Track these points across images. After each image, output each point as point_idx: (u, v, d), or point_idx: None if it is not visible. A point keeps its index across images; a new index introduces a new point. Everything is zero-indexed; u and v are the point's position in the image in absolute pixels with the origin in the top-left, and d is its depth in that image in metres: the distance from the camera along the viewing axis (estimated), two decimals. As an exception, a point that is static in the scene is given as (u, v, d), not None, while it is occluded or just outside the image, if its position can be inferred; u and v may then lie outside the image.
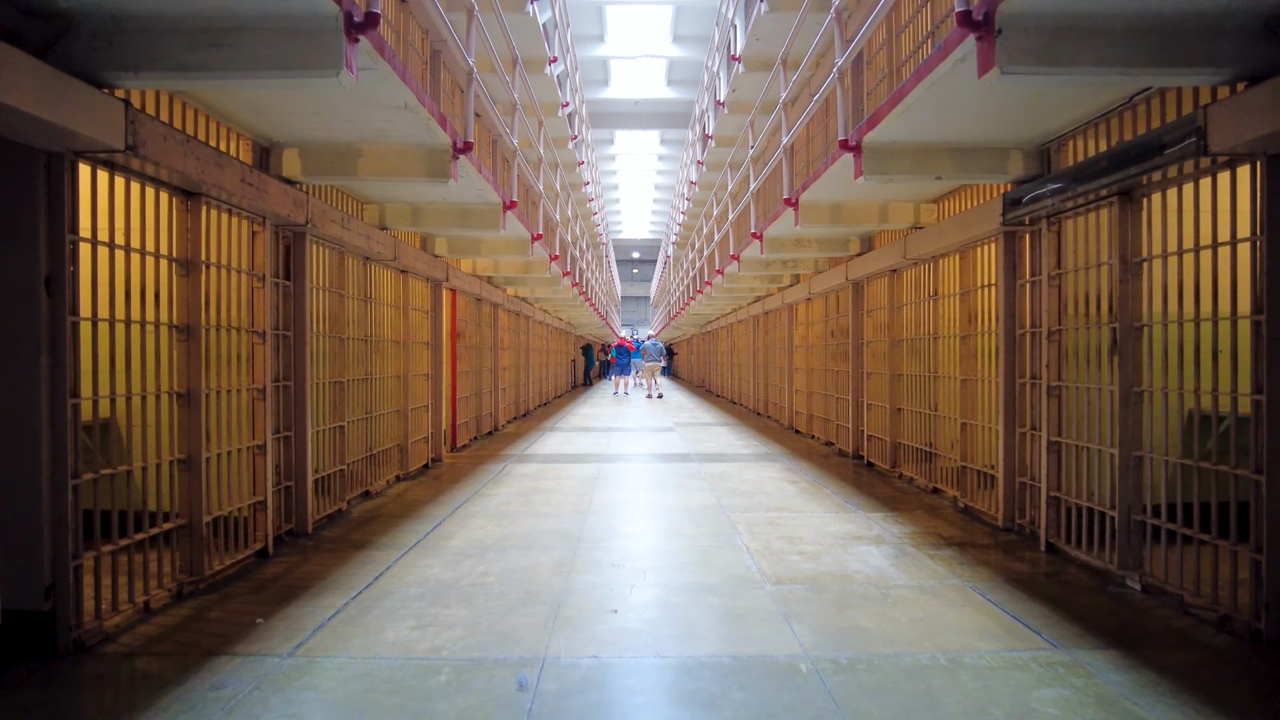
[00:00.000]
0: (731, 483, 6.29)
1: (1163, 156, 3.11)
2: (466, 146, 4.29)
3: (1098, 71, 2.80)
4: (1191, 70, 2.81)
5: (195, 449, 3.53)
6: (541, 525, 4.79)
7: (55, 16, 2.68)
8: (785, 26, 7.66)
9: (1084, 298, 3.98)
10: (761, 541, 4.38)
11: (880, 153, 4.32)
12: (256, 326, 4.08)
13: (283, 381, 4.40)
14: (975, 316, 5.17)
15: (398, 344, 6.44)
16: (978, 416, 5.15)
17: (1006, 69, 2.75)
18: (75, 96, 2.60)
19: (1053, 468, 4.19)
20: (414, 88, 3.48)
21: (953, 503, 5.42)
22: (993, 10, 2.74)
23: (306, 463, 4.55)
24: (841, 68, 4.42)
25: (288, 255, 4.46)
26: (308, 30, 2.72)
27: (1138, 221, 3.59)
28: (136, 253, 3.19)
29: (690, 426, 11.14)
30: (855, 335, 7.56)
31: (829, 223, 5.90)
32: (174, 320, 3.47)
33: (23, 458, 2.74)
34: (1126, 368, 3.61)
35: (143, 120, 2.91)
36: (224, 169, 3.47)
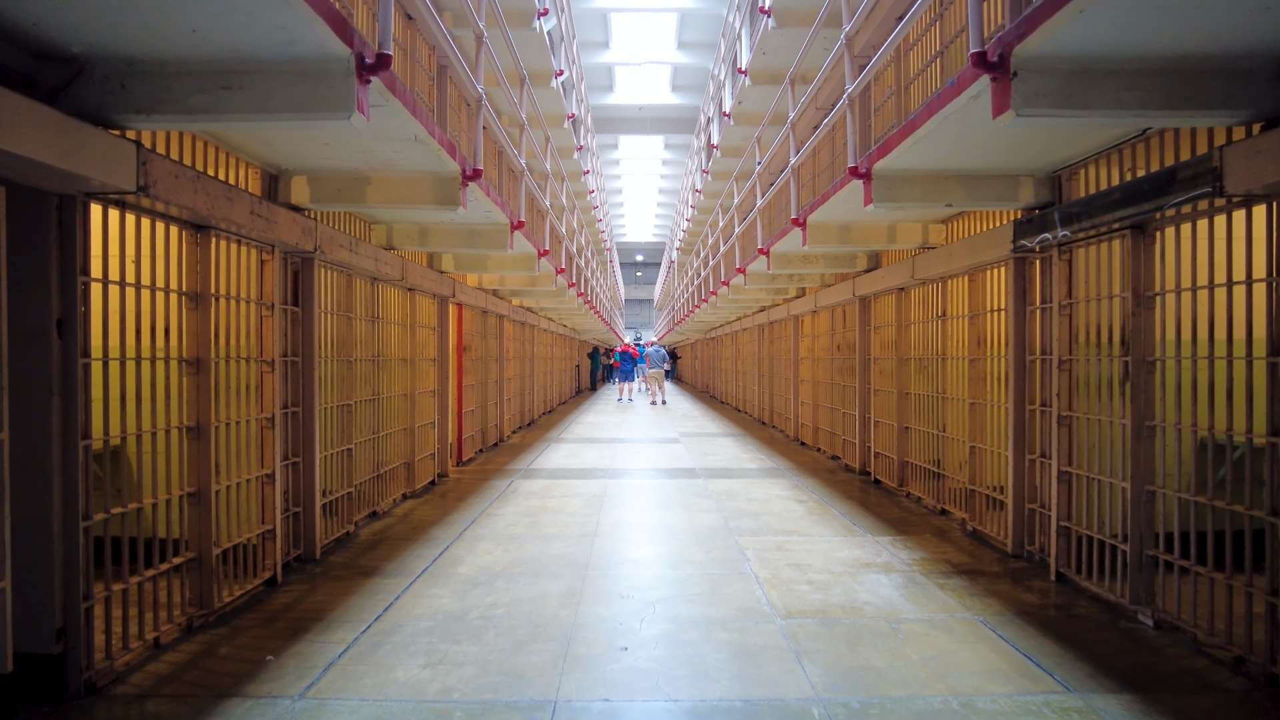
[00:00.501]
0: (738, 502, 6.28)
1: (1177, 195, 3.09)
2: (475, 174, 4.28)
3: (1114, 114, 2.78)
4: (1208, 113, 2.79)
5: (205, 482, 3.53)
6: (549, 550, 4.78)
7: (68, 60, 2.68)
8: (792, 41, 7.65)
9: (1095, 328, 3.96)
10: (770, 569, 4.36)
11: (890, 180, 4.31)
12: (265, 355, 4.08)
13: (291, 408, 4.40)
14: (984, 340, 5.15)
15: (404, 362, 6.44)
16: (986, 440, 5.13)
17: (1022, 112, 2.74)
18: (87, 142, 2.59)
19: (1063, 497, 4.17)
20: (424, 120, 3.48)
21: (961, 525, 5.40)
22: (1008, 52, 2.72)
23: (315, 488, 4.55)
24: (851, 95, 4.40)
25: (296, 281, 4.46)
26: (319, 72, 2.71)
27: (1150, 255, 3.57)
28: (147, 289, 3.19)
29: (695, 437, 11.13)
30: (862, 351, 7.54)
31: (837, 242, 5.88)
32: (184, 354, 3.47)
33: (34, 501, 2.74)
34: (1139, 401, 3.59)
35: (154, 161, 2.91)
36: (234, 202, 3.47)
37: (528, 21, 7.19)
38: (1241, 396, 3.07)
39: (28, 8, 2.29)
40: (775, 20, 7.19)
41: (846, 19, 4.49)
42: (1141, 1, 2.28)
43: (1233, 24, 2.45)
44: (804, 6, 7.10)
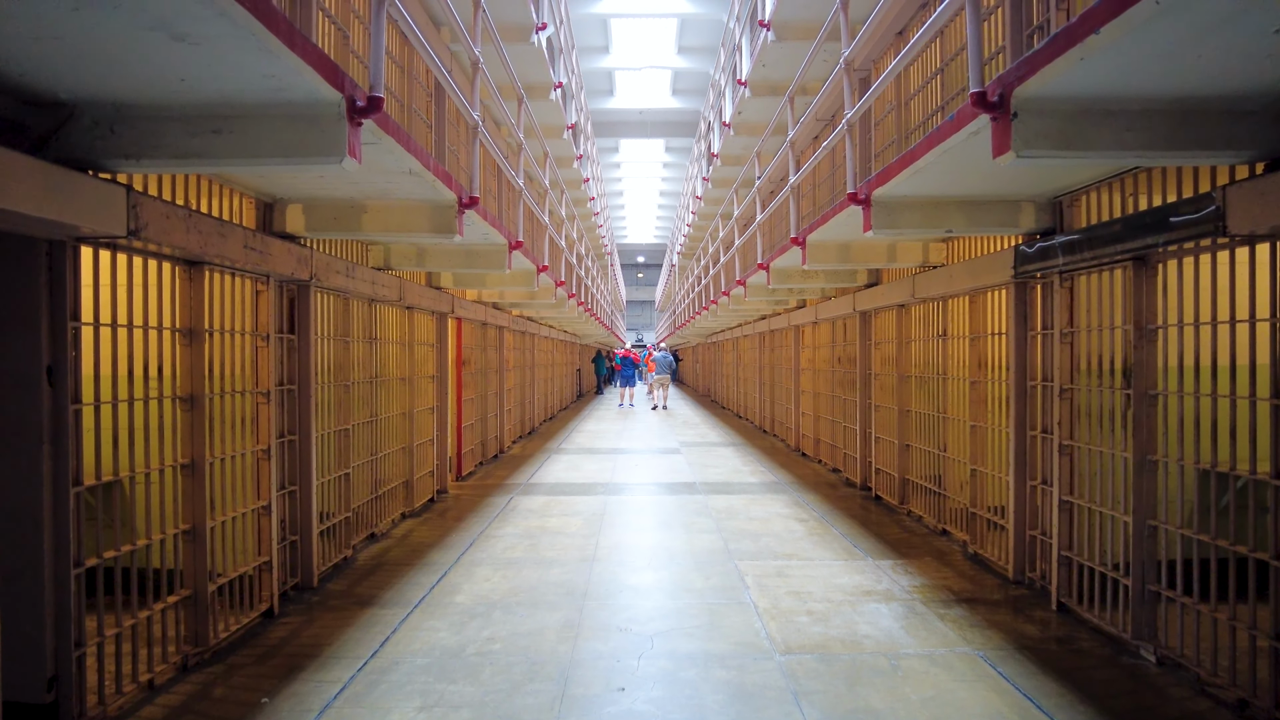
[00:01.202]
0: (738, 521, 6.25)
1: (1179, 232, 3.06)
2: (472, 201, 4.25)
3: (1115, 155, 2.75)
4: (1210, 153, 2.75)
5: (200, 519, 3.51)
6: (547, 576, 4.76)
7: (57, 106, 2.65)
8: (791, 54, 7.61)
9: (1097, 358, 3.92)
10: (770, 598, 4.33)
11: (889, 206, 4.27)
12: (261, 387, 4.05)
13: (288, 437, 4.38)
14: (985, 363, 5.12)
15: (403, 381, 6.42)
16: (987, 464, 5.09)
17: (1022, 153, 2.70)
18: (76, 190, 2.57)
19: (1064, 526, 4.13)
20: (419, 154, 3.45)
21: (962, 548, 5.37)
22: (1008, 93, 2.69)
23: (312, 516, 4.52)
24: (850, 121, 4.36)
25: (292, 308, 4.43)
26: (310, 116, 2.68)
27: (1153, 287, 3.54)
28: (139, 329, 3.17)
29: (696, 447, 11.10)
30: (863, 366, 7.50)
31: (836, 261, 5.85)
32: (177, 392, 3.44)
33: (25, 548, 2.72)
34: (1141, 435, 3.55)
35: (144, 203, 2.88)
36: (227, 238, 3.44)
37: (526, 36, 7.15)
38: (1245, 434, 3.04)
39: (16, 59, 2.26)
40: (775, 34, 7.15)
41: (846, 43, 4.45)
42: (1142, 51, 2.24)
43: (1235, 69, 2.41)
44: (803, 20, 7.06)
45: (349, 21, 4.94)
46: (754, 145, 10.84)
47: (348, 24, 4.93)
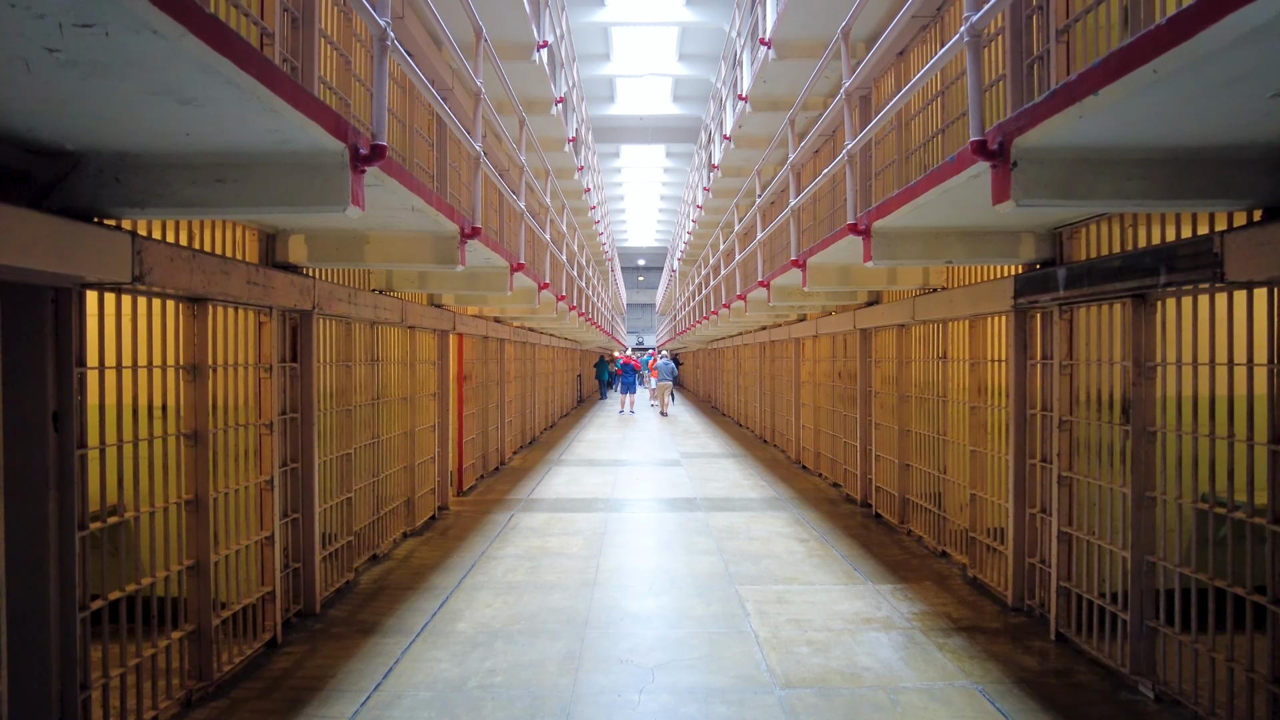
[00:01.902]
0: (739, 541, 6.26)
1: (1177, 276, 3.07)
2: (475, 232, 4.27)
3: (1114, 203, 2.76)
4: (1209, 201, 2.77)
5: (204, 554, 3.53)
6: (549, 602, 4.77)
7: (62, 155, 2.67)
8: (792, 71, 7.63)
9: (1096, 391, 3.94)
10: (770, 627, 4.35)
11: (889, 236, 4.29)
12: (264, 418, 4.07)
13: (290, 465, 4.40)
14: (985, 389, 5.13)
15: (405, 400, 6.44)
16: (987, 489, 5.11)
17: (1022, 202, 2.72)
18: (81, 241, 2.59)
19: (1063, 556, 4.15)
20: (421, 191, 3.46)
21: (961, 571, 5.39)
22: (1008, 142, 2.70)
23: (314, 543, 4.54)
24: (850, 152, 4.38)
25: (294, 336, 4.45)
26: (313, 165, 2.70)
27: (1151, 324, 3.55)
28: (144, 369, 3.18)
29: (697, 459, 11.11)
30: (864, 383, 7.52)
31: (837, 283, 5.86)
32: (182, 429, 3.46)
33: (31, 592, 2.74)
34: (1140, 472, 3.57)
35: (149, 248, 2.90)
36: (230, 275, 3.46)
37: (527, 55, 7.17)
38: (1243, 473, 3.06)
39: (23, 116, 2.28)
40: (776, 52, 7.16)
41: (847, 75, 4.46)
42: (1140, 110, 2.26)
43: (1233, 124, 2.43)
44: (804, 39, 7.07)
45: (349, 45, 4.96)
46: (754, 158, 10.86)
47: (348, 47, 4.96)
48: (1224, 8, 1.71)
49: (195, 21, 1.75)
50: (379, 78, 2.80)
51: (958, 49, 2.97)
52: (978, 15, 2.79)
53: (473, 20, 4.34)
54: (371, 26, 2.74)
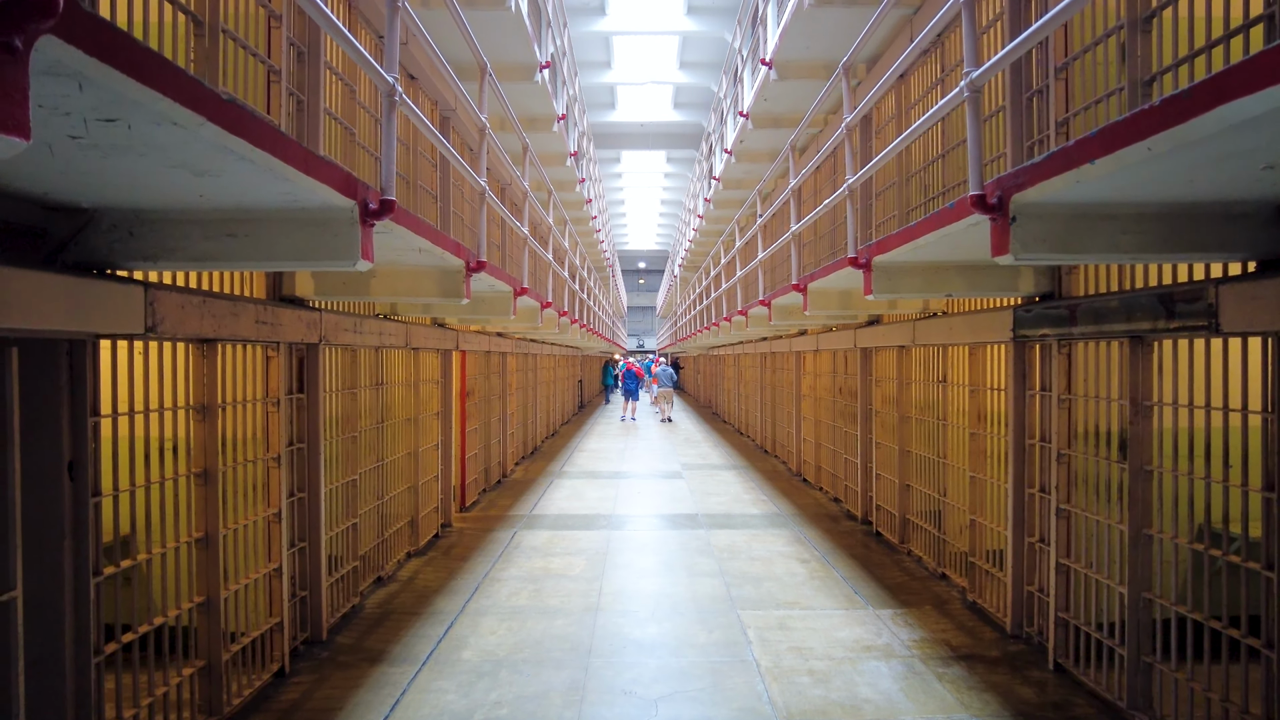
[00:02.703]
0: (740, 561, 6.31)
1: (1173, 323, 3.12)
2: (480, 265, 4.32)
3: (1110, 256, 2.81)
4: (1204, 254, 2.82)
5: (214, 590, 3.58)
6: (552, 628, 4.82)
7: (77, 211, 2.71)
8: (793, 91, 7.67)
9: (1094, 425, 3.98)
10: (772, 656, 4.40)
11: (890, 271, 4.33)
12: (272, 452, 4.12)
13: (297, 495, 4.45)
14: (984, 416, 5.18)
15: (409, 421, 6.49)
16: (986, 515, 5.16)
17: (1020, 256, 2.76)
18: (95, 297, 2.64)
19: (1061, 588, 4.20)
20: (427, 233, 3.51)
21: (961, 595, 5.43)
22: (1007, 197, 2.75)
23: (321, 570, 4.59)
24: (851, 186, 4.42)
25: (301, 367, 4.50)
26: (323, 220, 2.74)
27: (1148, 364, 3.60)
28: (155, 412, 3.23)
29: (698, 470, 11.16)
30: (864, 401, 7.57)
31: (838, 308, 5.91)
32: (192, 469, 3.51)
33: (46, 639, 2.79)
34: (1137, 510, 3.62)
35: (160, 298, 2.95)
36: (239, 317, 3.51)
37: (530, 75, 7.21)
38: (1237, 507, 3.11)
39: (42, 183, 2.33)
40: (777, 73, 7.21)
41: (848, 110, 4.51)
42: (1136, 178, 2.31)
43: (1228, 187, 2.47)
44: (805, 59, 7.12)
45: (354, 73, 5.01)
46: (755, 171, 10.90)
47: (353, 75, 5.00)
48: (1218, 98, 1.75)
49: (213, 111, 1.79)
50: (387, 134, 2.84)
51: (957, 103, 3.01)
52: (978, 72, 2.84)
53: (477, 57, 4.39)
54: (380, 84, 2.79)
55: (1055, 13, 2.32)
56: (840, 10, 5.97)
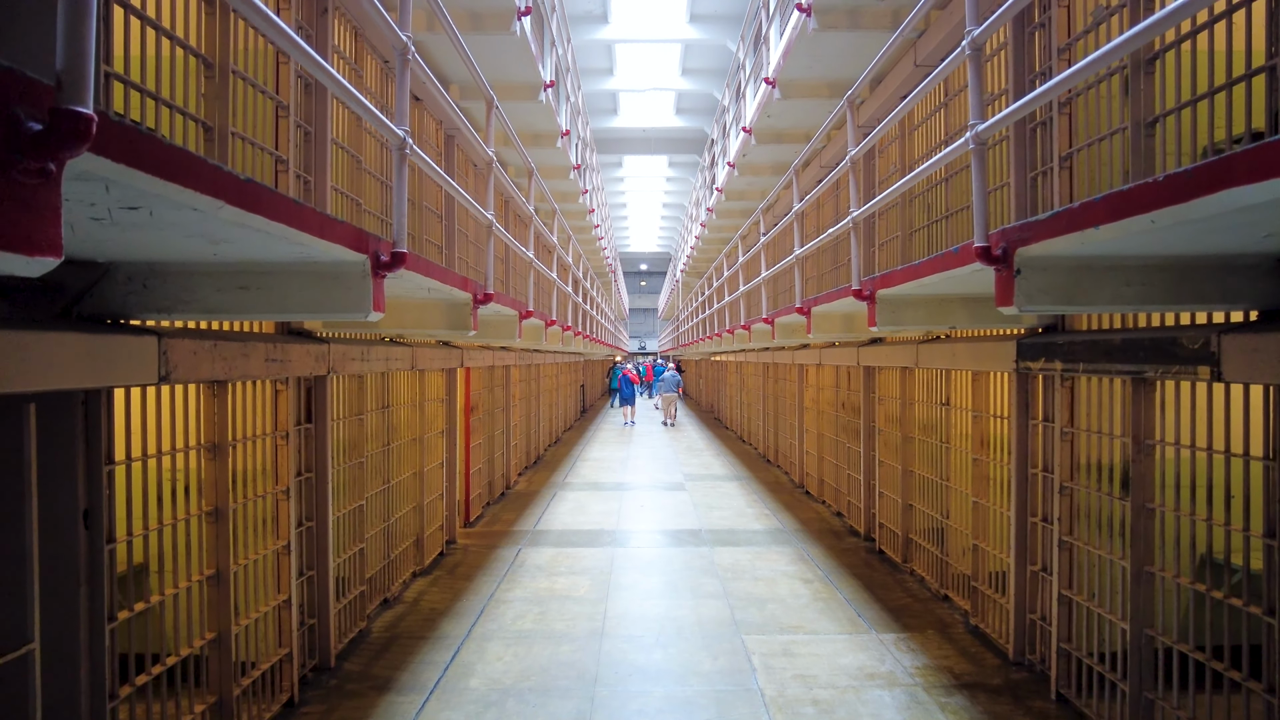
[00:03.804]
0: (744, 582, 6.35)
1: (1175, 368, 3.15)
2: (487, 298, 4.35)
3: (1114, 307, 2.84)
4: (1206, 305, 2.84)
5: (225, 626, 3.62)
6: (558, 654, 4.86)
7: (93, 265, 2.75)
8: (796, 109, 7.70)
9: (1097, 459, 4.01)
10: (776, 684, 4.43)
11: (894, 303, 4.36)
12: (280, 485, 4.16)
13: (305, 525, 4.48)
14: (987, 442, 5.21)
15: (414, 441, 6.52)
16: (989, 541, 5.19)
17: (1025, 308, 2.79)
18: (111, 350, 2.67)
19: (1063, 618, 4.23)
20: (436, 273, 3.54)
21: (964, 619, 5.47)
22: (1011, 249, 2.78)
23: (329, 598, 4.63)
24: (855, 219, 4.45)
25: (309, 398, 4.53)
26: (335, 274, 2.78)
27: (1151, 403, 3.63)
28: (168, 454, 3.27)
29: (701, 480, 11.20)
30: (867, 418, 7.60)
31: (841, 330, 5.94)
32: (204, 507, 3.55)
33: (61, 685, 2.83)
34: (1139, 547, 3.65)
35: (173, 347, 2.99)
36: (249, 358, 3.54)
37: (534, 95, 7.24)
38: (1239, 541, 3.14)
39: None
40: (780, 92, 7.23)
41: (853, 143, 4.53)
42: (1139, 241, 2.33)
43: (1232, 243, 2.50)
44: (808, 79, 7.14)
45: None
46: (758, 183, 10.93)
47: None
48: (1220, 182, 1.78)
49: (232, 194, 1.83)
50: (398, 187, 2.87)
51: (961, 151, 3.04)
52: (984, 125, 2.86)
53: (485, 92, 4.42)
54: (390, 138, 2.82)
55: (1061, 78, 2.35)
56: (844, 34, 6.00)
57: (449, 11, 5.86)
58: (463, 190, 3.96)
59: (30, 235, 1.26)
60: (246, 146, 3.53)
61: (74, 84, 1.24)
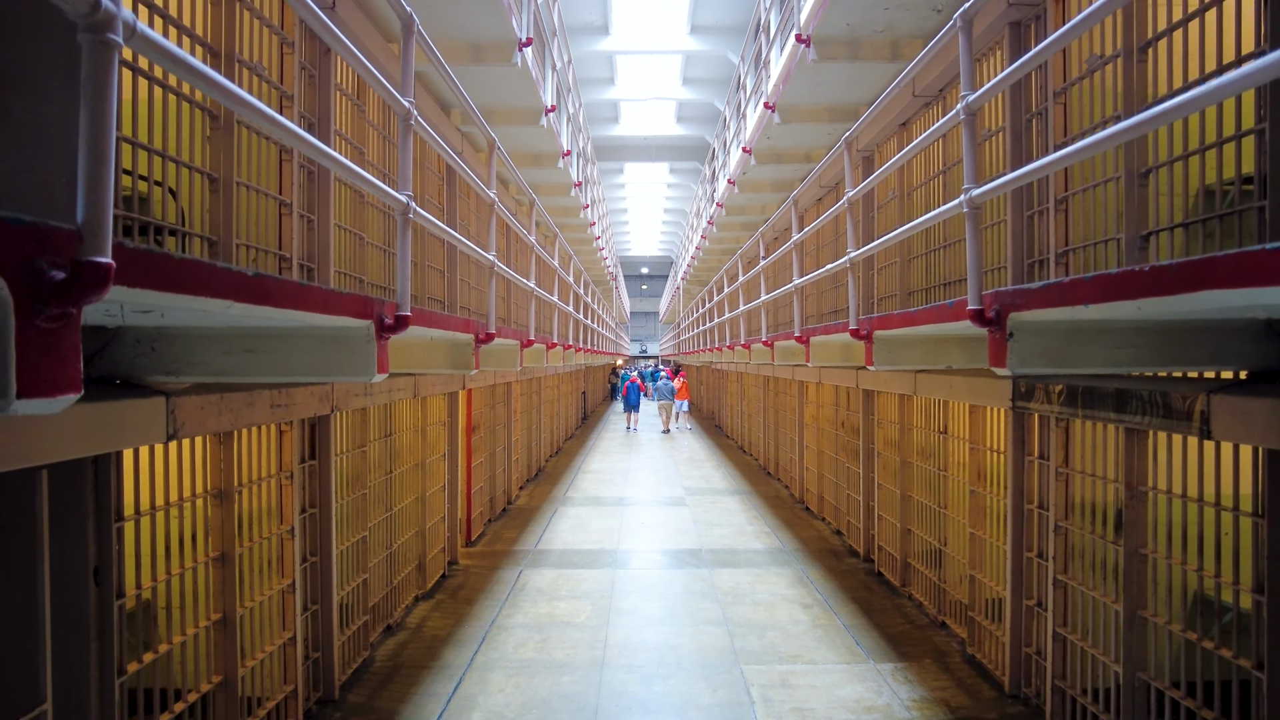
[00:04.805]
0: (744, 607, 6.40)
1: (1167, 424, 3.19)
2: (489, 337, 4.40)
3: (1106, 369, 2.88)
4: (1196, 365, 2.89)
5: (231, 669, 3.68)
6: (559, 686, 4.91)
7: (102, 329, 2.80)
8: (795, 132, 7.74)
9: (1091, 502, 4.06)
10: (775, 718, 4.48)
11: (891, 343, 4.40)
12: (285, 525, 4.22)
13: (310, 560, 4.54)
14: (984, 474, 5.26)
15: (417, 466, 6.58)
16: (985, 572, 5.24)
17: (1017, 370, 2.84)
18: (120, 414, 2.73)
19: (1058, 655, 4.28)
20: (438, 323, 3.59)
21: (960, 647, 5.52)
22: (1004, 313, 2.82)
23: (333, 631, 4.69)
24: (853, 260, 4.50)
25: (313, 434, 4.58)
26: (339, 339, 2.83)
27: (1144, 451, 3.68)
28: (175, 505, 3.33)
29: (701, 495, 11.25)
30: (866, 440, 7.64)
31: (840, 359, 5.97)
32: (210, 554, 3.60)
33: (73, 739, 2.89)
34: (1131, 592, 3.70)
35: (180, 405, 3.04)
36: (255, 406, 3.60)
37: (535, 120, 7.29)
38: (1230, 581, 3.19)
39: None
40: (780, 116, 7.27)
41: (851, 185, 4.58)
42: (1129, 313, 2.38)
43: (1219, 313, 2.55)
44: (808, 104, 7.18)
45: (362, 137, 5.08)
46: (758, 199, 10.97)
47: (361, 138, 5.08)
48: (1202, 283, 1.83)
49: (241, 292, 1.88)
50: (402, 250, 2.92)
51: (955, 212, 3.09)
52: (978, 190, 2.91)
53: (486, 134, 4.46)
54: (394, 204, 2.87)
55: (1056, 157, 2.40)
56: (843, 64, 6.04)
57: (451, 43, 5.93)
58: (467, 240, 4.01)
59: (54, 379, 1.31)
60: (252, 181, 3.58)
61: (94, 234, 1.29)
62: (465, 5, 5.32)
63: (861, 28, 5.76)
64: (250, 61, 3.65)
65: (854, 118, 7.46)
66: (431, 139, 3.15)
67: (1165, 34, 3.41)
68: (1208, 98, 1.68)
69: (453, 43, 5.86)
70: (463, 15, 5.43)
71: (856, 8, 5.46)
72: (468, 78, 6.31)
